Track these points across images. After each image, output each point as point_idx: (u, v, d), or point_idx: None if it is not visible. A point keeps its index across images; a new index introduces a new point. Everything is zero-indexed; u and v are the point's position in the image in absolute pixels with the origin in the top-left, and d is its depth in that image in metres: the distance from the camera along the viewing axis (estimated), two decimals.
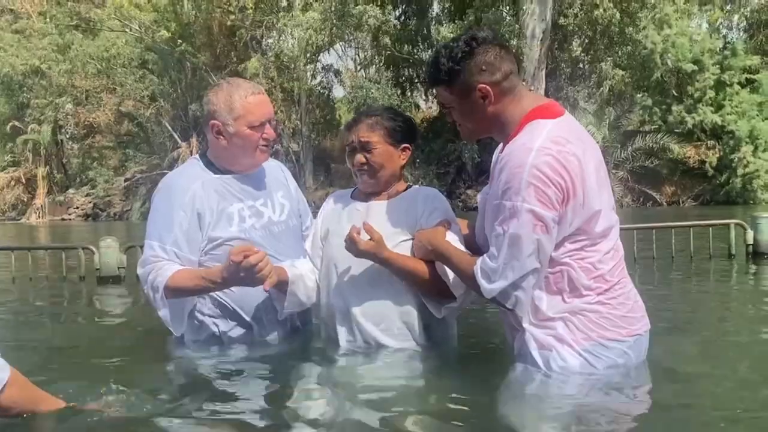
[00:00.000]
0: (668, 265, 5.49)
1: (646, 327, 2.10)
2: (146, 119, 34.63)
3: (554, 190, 1.86)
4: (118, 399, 1.96)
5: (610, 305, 2.00)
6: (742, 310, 3.66)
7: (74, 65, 33.39)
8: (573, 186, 1.88)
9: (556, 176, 1.86)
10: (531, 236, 1.88)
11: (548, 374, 2.02)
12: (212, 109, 2.44)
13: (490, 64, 1.99)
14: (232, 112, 2.42)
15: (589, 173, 1.93)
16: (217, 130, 2.45)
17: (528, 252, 1.89)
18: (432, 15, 30.76)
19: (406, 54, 30.34)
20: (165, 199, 2.48)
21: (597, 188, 1.95)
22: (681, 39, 25.70)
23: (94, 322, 3.82)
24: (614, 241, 2.04)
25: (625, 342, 2.02)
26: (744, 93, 25.84)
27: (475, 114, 2.05)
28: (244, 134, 2.43)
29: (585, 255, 1.97)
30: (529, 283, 1.94)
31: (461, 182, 29.95)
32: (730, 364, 2.39)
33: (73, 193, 38.78)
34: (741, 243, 5.73)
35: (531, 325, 2.04)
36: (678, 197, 26.50)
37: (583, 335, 1.99)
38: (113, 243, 5.70)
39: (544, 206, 1.86)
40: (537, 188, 1.85)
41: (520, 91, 2.04)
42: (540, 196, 1.86)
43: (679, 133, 26.28)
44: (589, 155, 1.95)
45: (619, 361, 2.02)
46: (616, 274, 2.03)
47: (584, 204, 1.91)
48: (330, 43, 30.79)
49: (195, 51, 30.69)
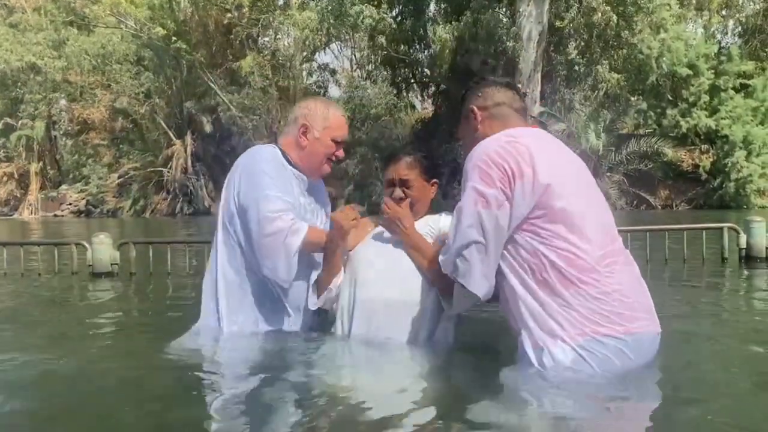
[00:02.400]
0: (661, 268, 5.50)
1: (648, 328, 2.10)
2: (141, 116, 34.52)
3: (497, 171, 2.08)
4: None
5: (603, 300, 2.01)
6: (734, 314, 3.66)
7: (69, 61, 33.26)
8: (519, 167, 2.07)
9: (500, 159, 2.09)
10: (471, 209, 2.10)
11: (541, 372, 2.02)
12: (307, 112, 2.77)
13: (486, 93, 2.40)
14: (325, 121, 2.76)
15: (545, 164, 2.09)
16: (304, 131, 2.74)
17: (468, 223, 2.11)
18: (428, 15, 30.76)
19: (403, 54, 30.33)
20: (274, 166, 2.67)
21: (561, 183, 2.09)
22: (676, 43, 25.81)
23: (86, 318, 3.80)
24: (600, 234, 2.09)
25: (621, 339, 2.02)
26: (738, 98, 25.97)
27: (467, 132, 2.44)
28: (326, 143, 2.76)
29: (559, 243, 2.04)
30: (471, 253, 2.11)
31: (456, 182, 29.97)
32: (722, 367, 2.39)
33: (66, 190, 38.62)
34: (734, 247, 5.75)
35: (525, 323, 2.08)
36: (672, 201, 26.61)
37: (577, 330, 2.00)
38: (106, 239, 5.67)
39: (485, 184, 2.08)
40: (481, 169, 2.10)
41: (512, 121, 2.32)
42: (482, 176, 2.09)
43: (673, 137, 26.39)
44: (548, 156, 2.12)
45: (616, 361, 2.01)
46: (610, 269, 2.05)
47: (534, 183, 2.06)
48: (326, 43, 30.80)
49: (191, 48, 30.61)
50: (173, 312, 3.78)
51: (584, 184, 2.20)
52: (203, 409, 1.95)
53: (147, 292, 4.96)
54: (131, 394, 2.12)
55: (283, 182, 2.63)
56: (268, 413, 1.90)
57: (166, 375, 2.42)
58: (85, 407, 1.98)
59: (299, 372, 2.26)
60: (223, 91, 30.99)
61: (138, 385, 2.25)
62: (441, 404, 2.00)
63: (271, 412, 1.91)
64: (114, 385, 2.18)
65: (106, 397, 2.09)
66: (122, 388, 2.17)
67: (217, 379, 2.28)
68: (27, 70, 35.24)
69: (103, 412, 1.96)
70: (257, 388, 2.13)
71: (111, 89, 34.34)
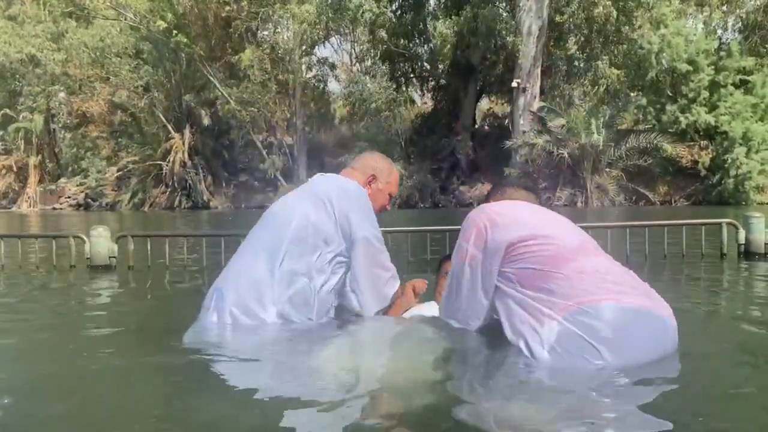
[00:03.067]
0: (660, 264, 5.50)
1: (638, 302, 2.12)
2: (139, 110, 34.48)
3: (477, 234, 2.37)
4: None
5: (581, 277, 2.13)
6: (732, 309, 3.67)
7: (68, 54, 33.19)
8: (485, 226, 2.37)
9: (479, 226, 2.38)
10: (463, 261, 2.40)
11: (529, 359, 2.06)
12: (375, 165, 3.19)
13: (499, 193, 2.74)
14: (389, 176, 3.19)
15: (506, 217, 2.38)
16: (371, 180, 3.13)
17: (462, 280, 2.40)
18: (428, 10, 30.72)
19: (402, 48, 30.30)
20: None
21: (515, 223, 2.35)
22: (676, 39, 25.80)
23: (84, 311, 3.80)
24: (573, 240, 2.31)
25: (605, 307, 2.03)
26: (738, 94, 25.98)
27: None
28: (384, 195, 3.18)
29: (535, 247, 2.22)
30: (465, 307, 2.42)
31: (455, 178, 29.96)
32: (719, 362, 2.39)
33: (65, 183, 38.61)
34: (733, 242, 5.75)
35: (508, 314, 2.20)
36: (671, 197, 26.65)
37: (560, 307, 2.05)
38: (104, 232, 5.66)
39: (473, 245, 2.35)
40: (474, 231, 2.37)
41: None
42: (472, 237, 2.37)
43: (672, 133, 26.41)
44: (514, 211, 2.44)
45: (603, 331, 2.00)
46: (588, 256, 2.24)
47: (494, 233, 2.32)
48: (325, 36, 30.76)
49: (190, 42, 30.55)
50: (171, 305, 3.77)
51: (557, 222, 2.42)
52: (206, 401, 1.95)
53: (145, 286, 4.95)
54: (128, 387, 2.11)
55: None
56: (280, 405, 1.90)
57: (165, 368, 2.41)
58: (83, 400, 1.97)
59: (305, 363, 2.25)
60: (222, 85, 30.95)
61: (135, 378, 2.24)
62: (438, 394, 2.00)
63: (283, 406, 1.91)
64: (111, 378, 2.17)
65: (103, 388, 2.08)
66: (119, 382, 2.16)
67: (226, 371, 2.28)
68: (26, 62, 35.17)
69: (100, 404, 1.95)
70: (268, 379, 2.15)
71: (110, 82, 34.28)
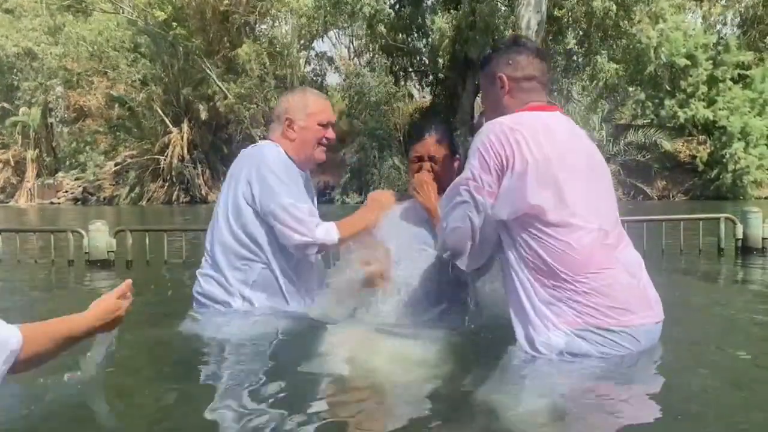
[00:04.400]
0: (658, 259, 5.50)
1: (643, 320, 2.10)
2: (137, 104, 34.37)
3: (494, 158, 2.09)
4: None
5: (592, 294, 2.02)
6: (730, 304, 3.67)
7: (66, 48, 33.07)
8: (514, 159, 2.06)
9: (498, 148, 2.08)
10: (464, 191, 2.14)
11: (533, 356, 2.05)
12: (287, 106, 2.83)
13: (518, 62, 2.28)
14: (306, 109, 2.81)
15: (542, 159, 2.06)
16: (289, 124, 2.80)
17: (457, 200, 2.16)
18: (427, 4, 30.62)
19: (401, 42, 30.21)
20: (291, 169, 2.74)
21: (557, 181, 2.07)
22: (675, 33, 25.76)
23: (83, 306, 3.79)
24: (584, 231, 2.07)
25: (614, 332, 2.03)
26: (736, 89, 25.96)
27: (490, 99, 2.37)
28: (312, 129, 2.81)
29: (553, 242, 2.03)
30: (461, 234, 2.16)
31: None
32: (716, 356, 2.40)
33: (63, 177, 38.53)
34: (731, 237, 5.75)
35: (519, 306, 2.10)
36: (669, 191, 26.67)
37: (570, 319, 2.02)
38: (102, 226, 5.65)
39: (482, 169, 2.10)
40: (480, 153, 2.12)
41: (534, 95, 2.27)
42: (480, 160, 2.11)
43: (671, 128, 26.40)
44: (548, 150, 2.08)
45: (613, 351, 2.03)
46: (594, 263, 2.05)
47: (525, 181, 2.04)
48: (324, 31, 30.67)
49: (188, 35, 30.44)
50: (170, 299, 3.77)
51: (588, 176, 2.17)
52: (202, 394, 1.95)
53: (143, 280, 4.95)
54: (126, 382, 2.11)
55: (301, 189, 2.74)
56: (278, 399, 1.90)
57: (164, 359, 2.42)
58: (80, 395, 1.97)
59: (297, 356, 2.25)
60: (220, 79, 30.86)
61: (133, 373, 2.25)
62: (440, 389, 2.00)
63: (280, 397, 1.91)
64: (110, 376, 2.17)
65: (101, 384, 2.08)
66: (117, 377, 2.16)
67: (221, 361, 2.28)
68: (23, 56, 35.04)
69: (99, 401, 1.95)
70: (264, 371, 2.15)
71: (107, 76, 34.16)
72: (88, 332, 1.84)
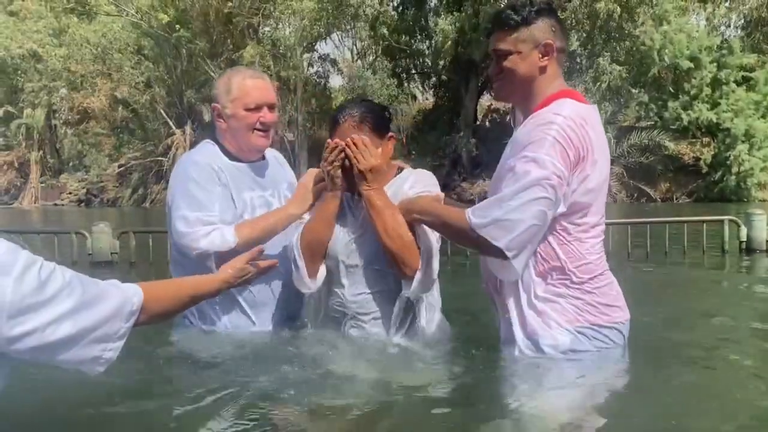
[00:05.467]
0: (662, 261, 5.50)
1: (626, 317, 2.13)
2: (141, 106, 34.43)
3: (573, 155, 1.90)
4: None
5: (595, 294, 2.03)
6: (732, 306, 3.67)
7: (70, 49, 33.15)
8: (584, 158, 1.92)
9: (578, 143, 1.90)
10: (544, 184, 1.87)
11: (538, 357, 2.03)
12: (214, 93, 2.57)
13: (560, 31, 2.04)
14: (229, 94, 2.50)
15: (599, 161, 1.97)
16: (218, 113, 2.55)
17: (537, 195, 1.87)
18: (430, 6, 30.63)
19: (404, 44, 30.22)
20: (198, 174, 2.49)
21: (601, 179, 2.00)
22: (679, 35, 25.71)
23: None
24: (601, 236, 2.10)
25: (609, 328, 2.05)
26: (740, 91, 25.88)
27: (520, 69, 2.03)
28: (239, 116, 2.49)
29: (573, 243, 2.00)
30: (530, 232, 1.89)
31: (456, 175, 29.90)
32: (718, 357, 2.40)
33: (66, 179, 38.60)
34: (734, 239, 5.75)
35: (518, 307, 2.06)
36: (672, 194, 26.59)
37: (571, 317, 2.01)
38: (106, 228, 5.67)
39: (563, 164, 1.88)
40: (561, 146, 1.88)
41: (560, 72, 2.08)
42: (562, 154, 1.88)
43: (674, 130, 26.34)
44: (600, 145, 2.00)
45: (607, 346, 2.05)
46: (600, 265, 2.07)
47: (584, 182, 1.94)
48: (327, 33, 30.67)
49: (191, 37, 30.49)
50: None
51: (605, 187, 2.09)
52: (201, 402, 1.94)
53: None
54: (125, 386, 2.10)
55: (211, 186, 2.45)
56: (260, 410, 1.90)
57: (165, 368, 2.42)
58: (82, 400, 1.97)
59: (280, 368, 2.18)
60: None
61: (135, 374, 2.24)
62: (431, 395, 1.98)
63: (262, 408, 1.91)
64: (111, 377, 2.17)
65: (102, 389, 2.08)
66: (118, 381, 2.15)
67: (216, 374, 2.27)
68: (28, 58, 35.12)
69: (96, 405, 1.94)
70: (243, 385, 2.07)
71: (111, 78, 34.23)
72: (213, 293, 1.92)
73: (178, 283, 1.83)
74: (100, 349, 1.46)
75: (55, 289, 1.37)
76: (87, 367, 1.47)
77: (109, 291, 1.50)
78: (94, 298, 1.44)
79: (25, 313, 1.31)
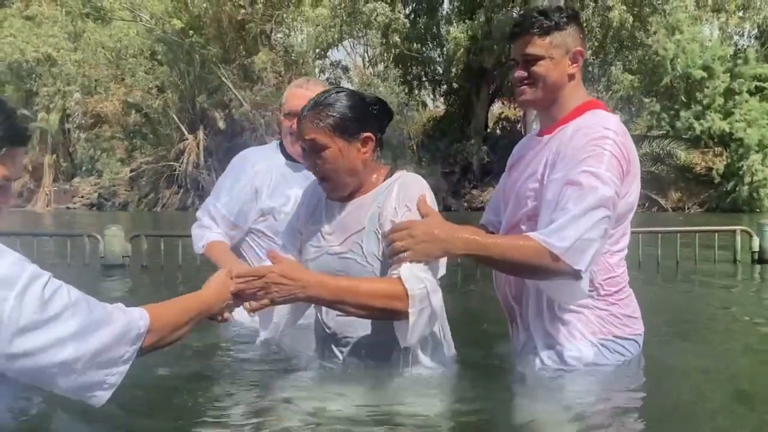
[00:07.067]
0: (673, 271, 5.47)
1: (643, 329, 2.12)
2: (153, 110, 34.68)
3: (624, 168, 1.87)
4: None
5: (618, 305, 2.02)
6: (744, 316, 3.64)
7: (85, 54, 33.49)
8: (629, 172, 1.91)
9: (628, 157, 1.89)
10: (607, 203, 1.80)
11: (561, 369, 1.99)
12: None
13: (585, 38, 2.02)
14: (283, 99, 2.75)
15: (636, 172, 1.97)
16: (278, 119, 2.83)
17: (603, 215, 1.80)
18: (442, 14, 30.74)
19: (415, 52, 30.32)
20: (236, 166, 2.80)
21: (638, 192, 2.00)
22: (692, 45, 25.62)
23: None
24: (626, 249, 2.08)
25: (629, 340, 2.03)
26: (754, 101, 25.74)
27: (551, 75, 1.95)
28: (281, 120, 2.72)
29: (604, 256, 1.96)
30: (598, 242, 1.80)
31: (467, 182, 29.91)
32: (729, 367, 2.39)
33: (79, 182, 38.91)
34: (746, 250, 5.72)
35: (541, 318, 2.01)
36: (684, 203, 26.44)
37: (595, 328, 1.99)
38: (118, 231, 5.71)
39: (619, 179, 1.84)
40: (617, 162, 1.84)
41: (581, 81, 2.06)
42: (618, 170, 1.84)
43: (686, 140, 26.21)
44: (636, 158, 1.99)
45: (626, 358, 2.03)
46: (624, 278, 2.06)
47: (627, 194, 1.92)
48: (339, 40, 30.81)
49: (204, 43, 30.73)
50: None
51: None
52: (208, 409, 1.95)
53: (158, 285, 4.99)
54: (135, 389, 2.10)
55: (238, 180, 2.73)
56: None
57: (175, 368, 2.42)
58: None
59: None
60: (236, 87, 31.09)
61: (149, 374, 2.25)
62: (454, 413, 1.91)
63: None
64: None
65: None
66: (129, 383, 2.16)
67: None
68: (43, 61, 35.48)
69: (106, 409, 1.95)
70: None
71: (125, 83, 34.52)
72: (222, 307, 1.76)
73: (184, 303, 1.71)
74: (105, 374, 1.42)
75: (59, 308, 1.34)
76: (91, 392, 1.42)
77: (115, 314, 1.47)
78: (99, 320, 1.41)
79: (25, 330, 1.28)
